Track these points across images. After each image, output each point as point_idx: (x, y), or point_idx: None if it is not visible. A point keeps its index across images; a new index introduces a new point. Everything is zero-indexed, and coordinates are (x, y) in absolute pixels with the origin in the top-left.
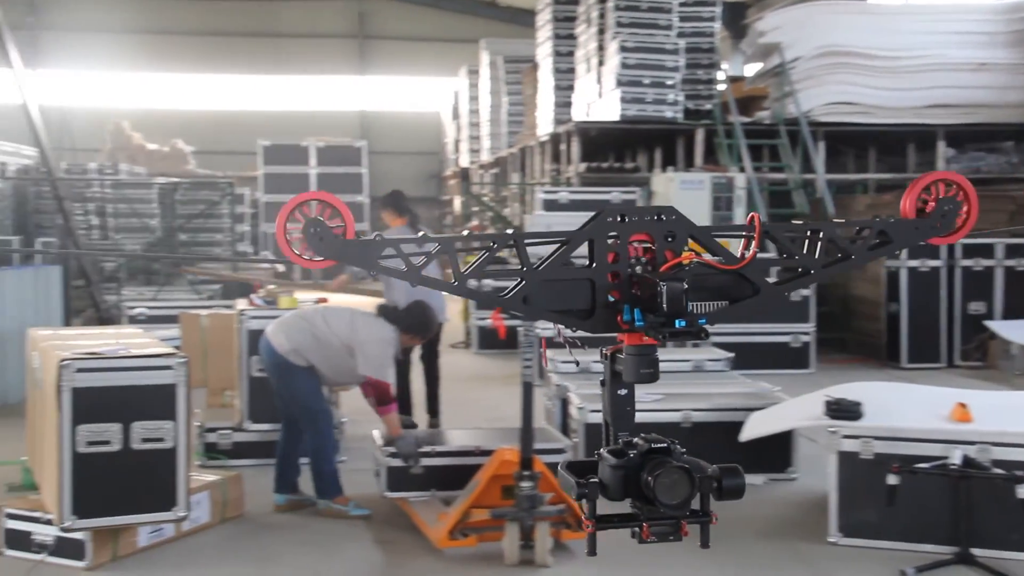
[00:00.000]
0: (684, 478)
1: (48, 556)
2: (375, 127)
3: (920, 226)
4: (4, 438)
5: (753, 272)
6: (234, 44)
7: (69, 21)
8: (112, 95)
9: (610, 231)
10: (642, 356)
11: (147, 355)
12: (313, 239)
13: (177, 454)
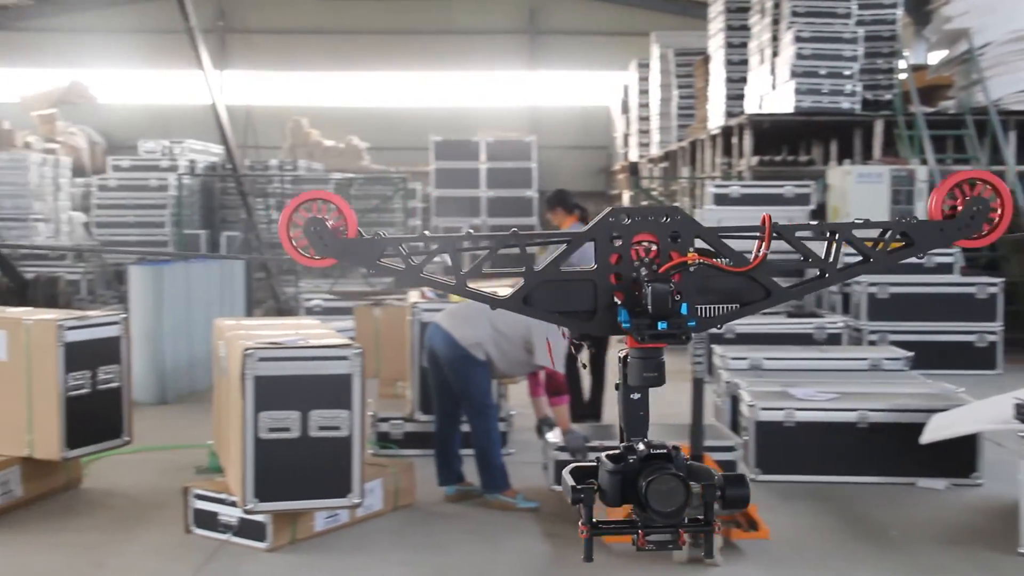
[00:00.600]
0: (679, 486)
1: (232, 536)
2: (544, 122)
3: (946, 228)
4: (193, 422)
5: (763, 274)
6: (408, 42)
7: (253, 23)
8: (292, 94)
9: (614, 232)
10: (645, 360)
11: (324, 346)
12: (314, 238)
13: (352, 442)
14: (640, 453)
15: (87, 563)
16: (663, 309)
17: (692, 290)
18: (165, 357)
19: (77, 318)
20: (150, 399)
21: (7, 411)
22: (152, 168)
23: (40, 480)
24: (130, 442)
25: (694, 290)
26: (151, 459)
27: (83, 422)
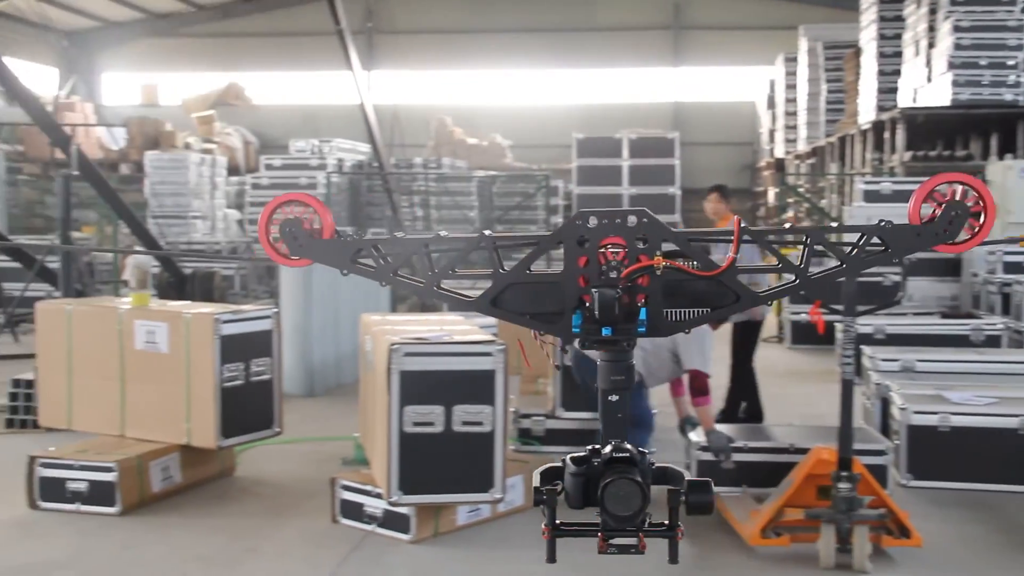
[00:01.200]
0: (635, 490)
1: (377, 527)
2: (688, 118)
3: (923, 233)
4: (339, 415)
5: (731, 278)
6: (551, 40)
7: (400, 24)
8: (436, 92)
9: (581, 235)
10: (612, 363)
11: (469, 342)
12: (289, 238)
13: (495, 438)
14: (604, 456)
15: (241, 548)
16: (608, 314)
17: (659, 293)
18: (313, 351)
19: (232, 312)
20: (299, 391)
21: (168, 401)
22: (302, 167)
23: (197, 467)
24: (280, 433)
25: (659, 294)
26: (299, 450)
27: (237, 412)
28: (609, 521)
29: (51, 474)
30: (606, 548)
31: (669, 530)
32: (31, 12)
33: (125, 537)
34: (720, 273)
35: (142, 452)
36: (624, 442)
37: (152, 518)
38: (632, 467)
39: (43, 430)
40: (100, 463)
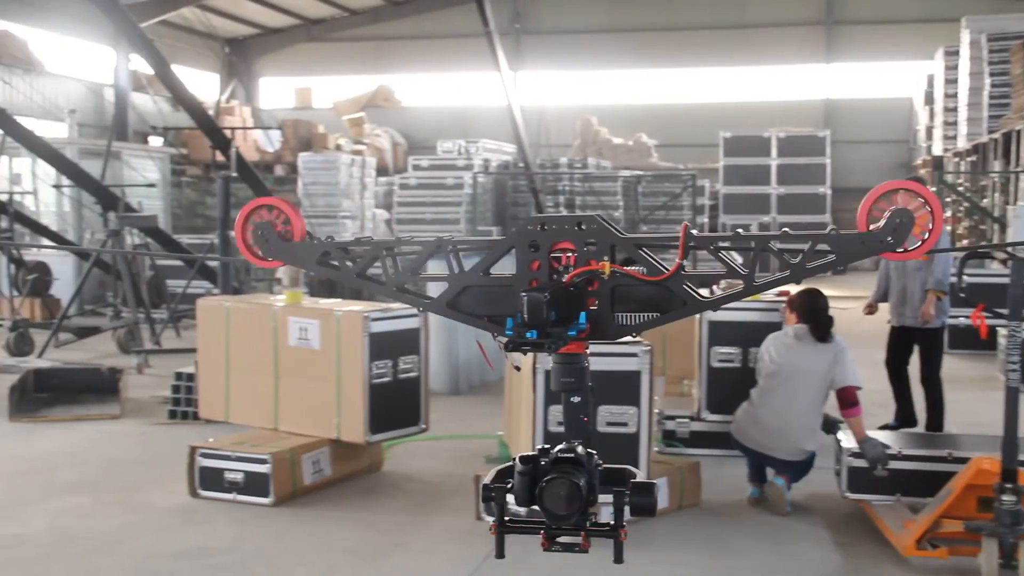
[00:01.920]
0: (573, 490)
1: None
2: (839, 115)
3: (867, 240)
4: (483, 413)
5: (677, 284)
6: (697, 38)
7: (547, 24)
8: (582, 92)
9: (531, 239)
10: (563, 365)
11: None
12: (260, 241)
13: (639, 439)
14: (551, 456)
15: (389, 542)
16: (536, 319)
17: (608, 298)
18: (458, 349)
19: (381, 310)
20: (444, 389)
21: (319, 396)
22: (449, 167)
23: (346, 462)
24: (426, 430)
25: (609, 298)
26: (445, 447)
27: (385, 408)
28: (547, 519)
29: (210, 464)
30: (550, 546)
31: (612, 531)
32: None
33: (278, 527)
34: (667, 279)
35: (294, 445)
36: (580, 443)
37: (303, 510)
38: (576, 468)
39: (203, 421)
40: (255, 455)
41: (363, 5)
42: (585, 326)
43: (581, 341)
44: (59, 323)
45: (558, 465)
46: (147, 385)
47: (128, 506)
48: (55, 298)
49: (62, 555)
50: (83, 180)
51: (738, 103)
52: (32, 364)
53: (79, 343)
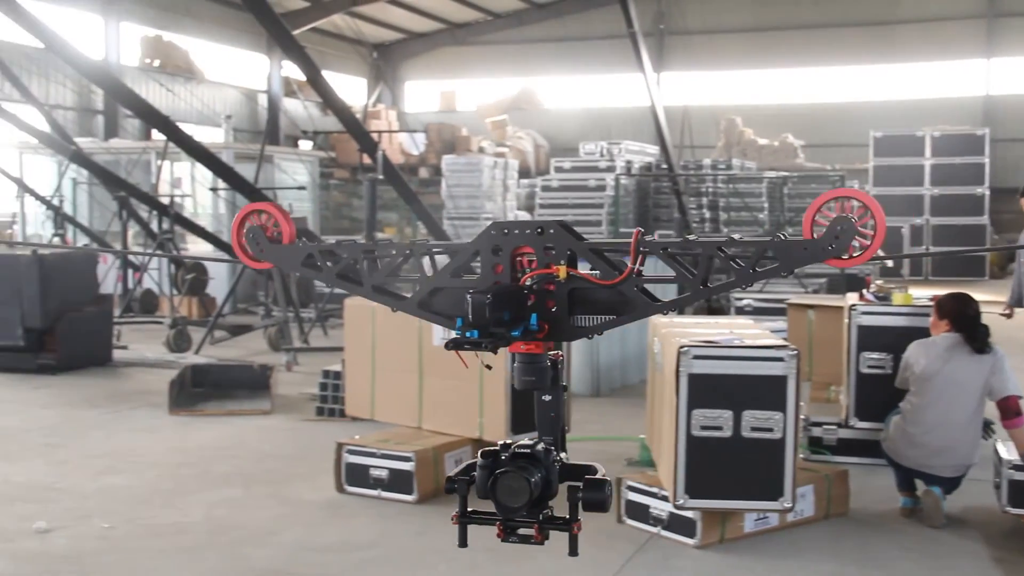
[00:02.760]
0: (521, 484)
1: (662, 530)
2: (1000, 113)
3: (810, 247)
4: (624, 415)
5: (630, 288)
6: (847, 35)
7: (691, 24)
8: (726, 92)
9: (494, 243)
10: (524, 364)
11: (760, 346)
12: (252, 243)
13: (785, 445)
14: (510, 451)
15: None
16: (479, 319)
17: (564, 300)
18: (600, 352)
19: None
20: (584, 391)
21: (462, 396)
22: (591, 169)
23: None
24: (568, 431)
25: (566, 301)
26: (585, 449)
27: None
28: (498, 511)
29: (356, 460)
30: (506, 537)
31: (566, 524)
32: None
33: (421, 524)
34: (620, 282)
35: (437, 444)
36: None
37: (445, 507)
38: (533, 463)
39: (349, 419)
40: (400, 453)
41: (507, 8)
42: (536, 327)
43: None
44: (214, 321)
45: (514, 460)
46: (296, 382)
47: (278, 499)
48: (211, 297)
49: (217, 544)
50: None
51: (889, 101)
52: (190, 360)
53: (232, 341)
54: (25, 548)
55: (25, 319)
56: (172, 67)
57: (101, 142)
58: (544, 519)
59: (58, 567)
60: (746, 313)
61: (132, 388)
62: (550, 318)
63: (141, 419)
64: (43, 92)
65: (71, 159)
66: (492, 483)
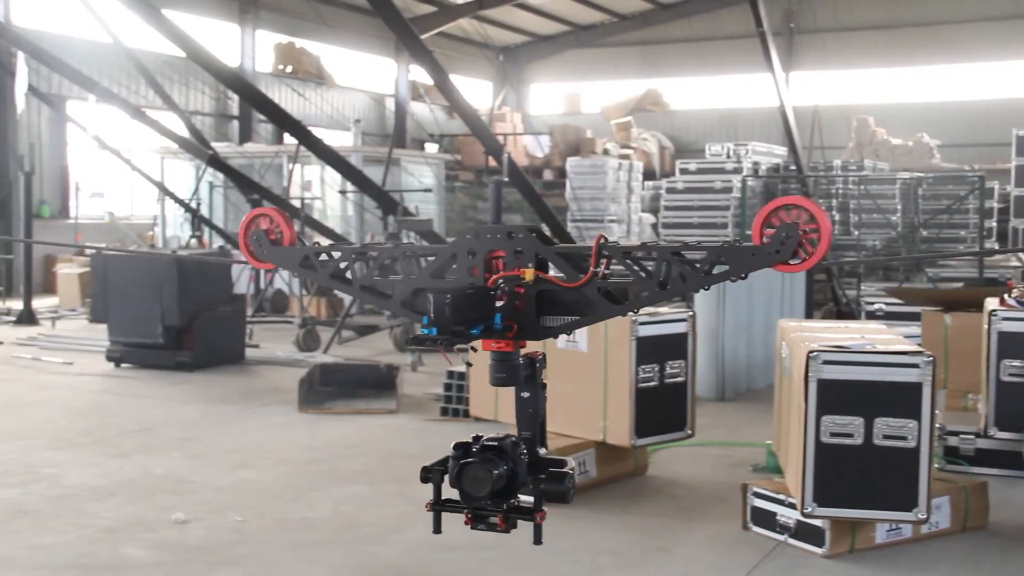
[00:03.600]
0: (485, 474)
1: (789, 538)
2: None
3: (758, 253)
4: (749, 420)
5: (592, 290)
6: (984, 30)
7: (822, 23)
8: (858, 92)
9: (469, 247)
10: (495, 361)
11: (893, 352)
12: (255, 245)
13: (920, 454)
14: (480, 444)
15: (653, 546)
16: (440, 318)
17: (532, 301)
18: (725, 355)
19: (649, 314)
20: (709, 395)
21: (586, 399)
22: (717, 170)
23: (611, 464)
24: (692, 435)
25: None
26: (710, 453)
27: (651, 413)
28: (463, 500)
29: None
30: (475, 525)
31: (530, 513)
32: (474, 32)
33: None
34: (582, 285)
35: (562, 446)
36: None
37: (569, 509)
38: (500, 455)
39: (473, 419)
40: None
41: (633, 10)
42: (500, 326)
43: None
44: (342, 321)
45: (482, 452)
46: (421, 382)
47: (404, 497)
48: (339, 297)
49: (344, 540)
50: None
51: None
52: (318, 359)
53: (359, 340)
54: (165, 538)
55: (165, 317)
56: (304, 73)
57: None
58: (509, 508)
59: (195, 557)
60: (877, 318)
61: (263, 386)
62: (519, 318)
63: (272, 416)
64: (183, 99)
65: (208, 163)
66: (458, 473)
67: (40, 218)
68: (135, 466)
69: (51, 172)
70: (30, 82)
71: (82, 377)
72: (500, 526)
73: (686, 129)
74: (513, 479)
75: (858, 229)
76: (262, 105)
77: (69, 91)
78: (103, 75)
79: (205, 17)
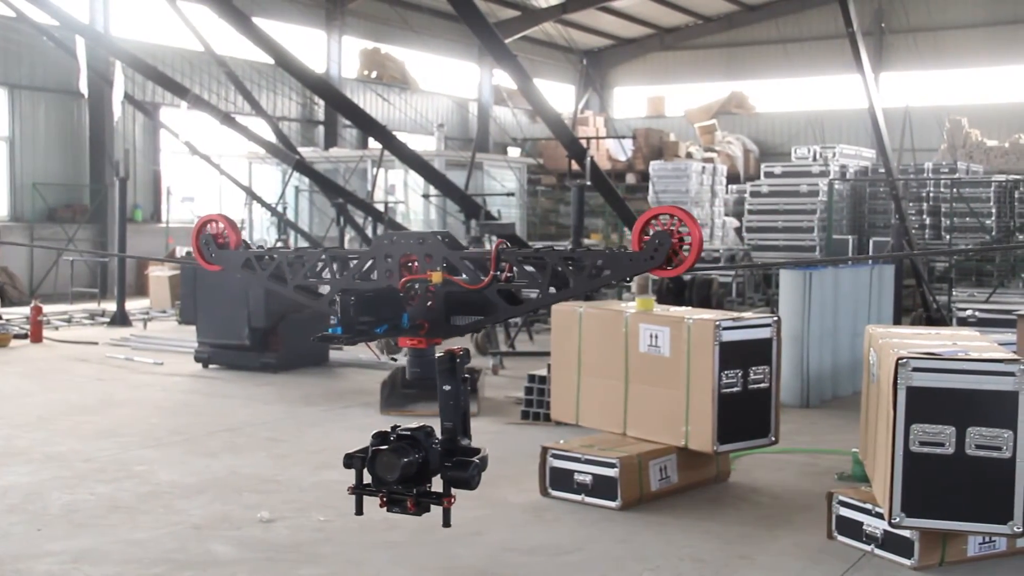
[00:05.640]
0: (394, 461)
1: (876, 548)
2: None
3: (634, 258)
4: (834, 428)
5: (492, 292)
6: None
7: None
8: (951, 92)
9: (386, 251)
10: (411, 357)
11: (987, 359)
12: (204, 248)
13: (1016, 465)
14: (396, 433)
15: (735, 554)
16: (346, 317)
17: (441, 301)
18: (810, 361)
19: (733, 319)
20: (793, 402)
21: (667, 403)
22: (803, 174)
23: (693, 470)
24: (776, 442)
25: (443, 302)
26: (793, 460)
27: (734, 419)
28: (374, 484)
29: (560, 465)
30: (389, 508)
31: (438, 498)
32: (558, 36)
33: (623, 531)
34: (483, 287)
35: (642, 451)
36: (450, 425)
37: (649, 515)
38: (412, 444)
39: (554, 423)
40: (604, 459)
41: (717, 11)
42: (408, 325)
43: (409, 337)
44: None
45: (396, 441)
46: (502, 386)
47: (484, 500)
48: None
49: (426, 541)
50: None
51: None
52: (401, 362)
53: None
54: (251, 535)
55: (251, 319)
56: (388, 78)
57: (322, 151)
58: (419, 493)
59: (279, 555)
60: (970, 324)
61: (346, 388)
62: (430, 317)
63: (355, 417)
64: (271, 105)
65: (294, 168)
66: (371, 459)
67: (133, 222)
68: (222, 465)
69: (144, 177)
70: (126, 90)
71: (172, 377)
72: (411, 509)
73: (772, 132)
74: (424, 466)
75: (950, 233)
76: (347, 110)
77: (162, 98)
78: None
79: (293, 24)
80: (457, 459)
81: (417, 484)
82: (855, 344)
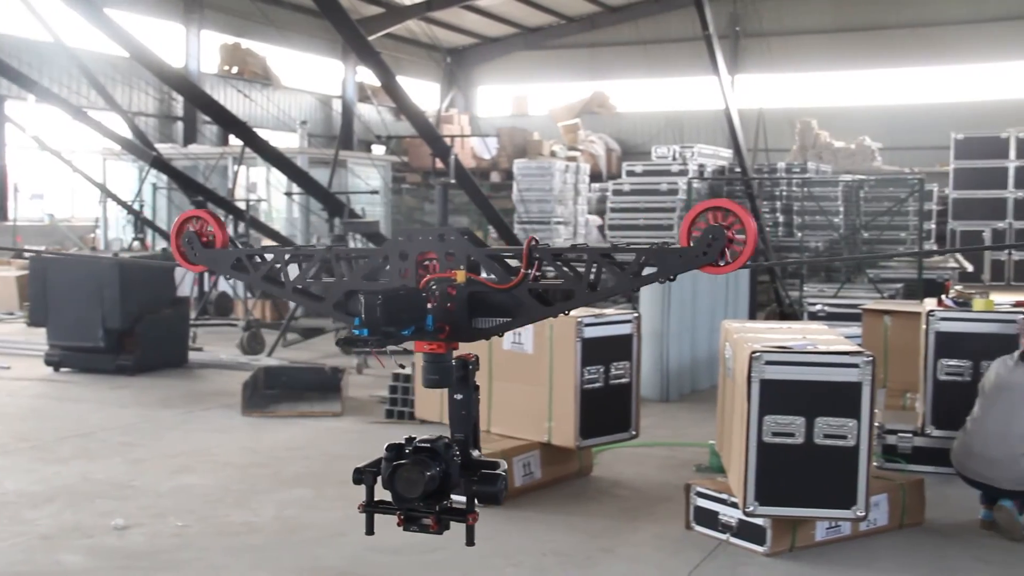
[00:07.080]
0: (418, 476)
1: (731, 537)
2: None
3: (684, 255)
4: (693, 421)
5: (522, 292)
6: (924, 36)
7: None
8: (802, 95)
9: (401, 249)
10: (427, 363)
11: (834, 352)
12: (187, 248)
13: (859, 453)
14: (413, 445)
15: (597, 547)
16: (371, 318)
17: (464, 303)
18: (670, 356)
19: (594, 316)
20: (654, 396)
21: (531, 400)
22: (663, 172)
23: (556, 465)
24: (637, 436)
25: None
26: (654, 454)
27: (596, 414)
28: (395, 501)
29: None
30: (407, 527)
31: (462, 515)
32: (422, 34)
33: (489, 528)
34: (514, 287)
35: (506, 448)
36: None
37: (512, 511)
38: (432, 457)
39: (418, 421)
40: None
41: (580, 12)
42: (432, 328)
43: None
44: (287, 324)
45: (415, 454)
46: (366, 385)
47: (349, 500)
48: (284, 300)
49: (288, 543)
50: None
51: (971, 103)
52: (263, 362)
53: (305, 343)
54: (104, 544)
55: (105, 320)
56: (249, 74)
57: (180, 148)
58: (441, 509)
59: (134, 563)
60: (819, 318)
61: (207, 389)
62: (451, 320)
63: (215, 420)
64: (126, 99)
65: (152, 165)
66: (391, 475)
67: None
68: (73, 471)
69: None
70: None
71: (19, 382)
72: (432, 528)
73: (633, 131)
74: (446, 481)
75: (801, 231)
76: (207, 106)
77: (8, 91)
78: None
79: (149, 17)
80: (483, 472)
81: (438, 500)
82: (713, 339)
